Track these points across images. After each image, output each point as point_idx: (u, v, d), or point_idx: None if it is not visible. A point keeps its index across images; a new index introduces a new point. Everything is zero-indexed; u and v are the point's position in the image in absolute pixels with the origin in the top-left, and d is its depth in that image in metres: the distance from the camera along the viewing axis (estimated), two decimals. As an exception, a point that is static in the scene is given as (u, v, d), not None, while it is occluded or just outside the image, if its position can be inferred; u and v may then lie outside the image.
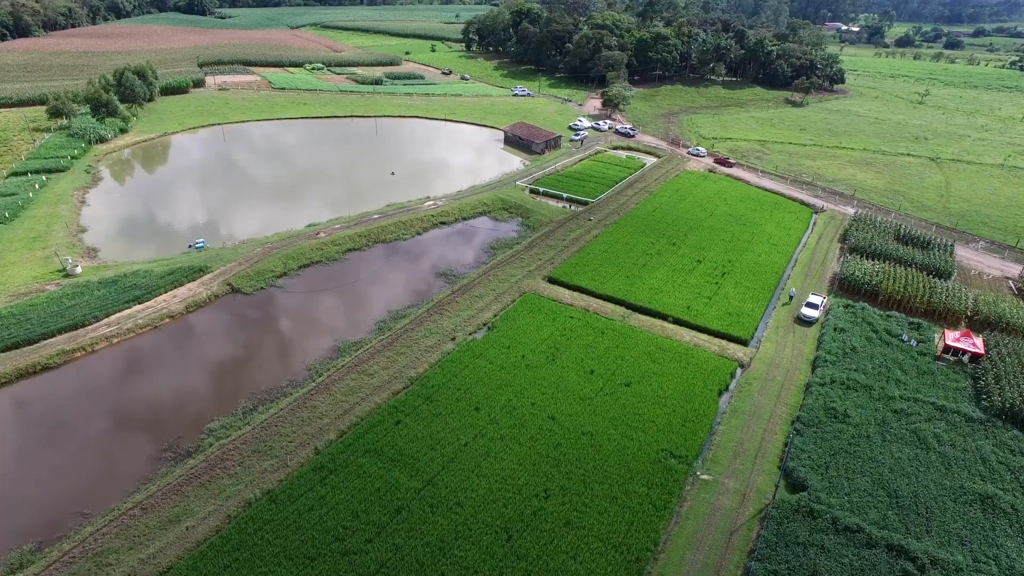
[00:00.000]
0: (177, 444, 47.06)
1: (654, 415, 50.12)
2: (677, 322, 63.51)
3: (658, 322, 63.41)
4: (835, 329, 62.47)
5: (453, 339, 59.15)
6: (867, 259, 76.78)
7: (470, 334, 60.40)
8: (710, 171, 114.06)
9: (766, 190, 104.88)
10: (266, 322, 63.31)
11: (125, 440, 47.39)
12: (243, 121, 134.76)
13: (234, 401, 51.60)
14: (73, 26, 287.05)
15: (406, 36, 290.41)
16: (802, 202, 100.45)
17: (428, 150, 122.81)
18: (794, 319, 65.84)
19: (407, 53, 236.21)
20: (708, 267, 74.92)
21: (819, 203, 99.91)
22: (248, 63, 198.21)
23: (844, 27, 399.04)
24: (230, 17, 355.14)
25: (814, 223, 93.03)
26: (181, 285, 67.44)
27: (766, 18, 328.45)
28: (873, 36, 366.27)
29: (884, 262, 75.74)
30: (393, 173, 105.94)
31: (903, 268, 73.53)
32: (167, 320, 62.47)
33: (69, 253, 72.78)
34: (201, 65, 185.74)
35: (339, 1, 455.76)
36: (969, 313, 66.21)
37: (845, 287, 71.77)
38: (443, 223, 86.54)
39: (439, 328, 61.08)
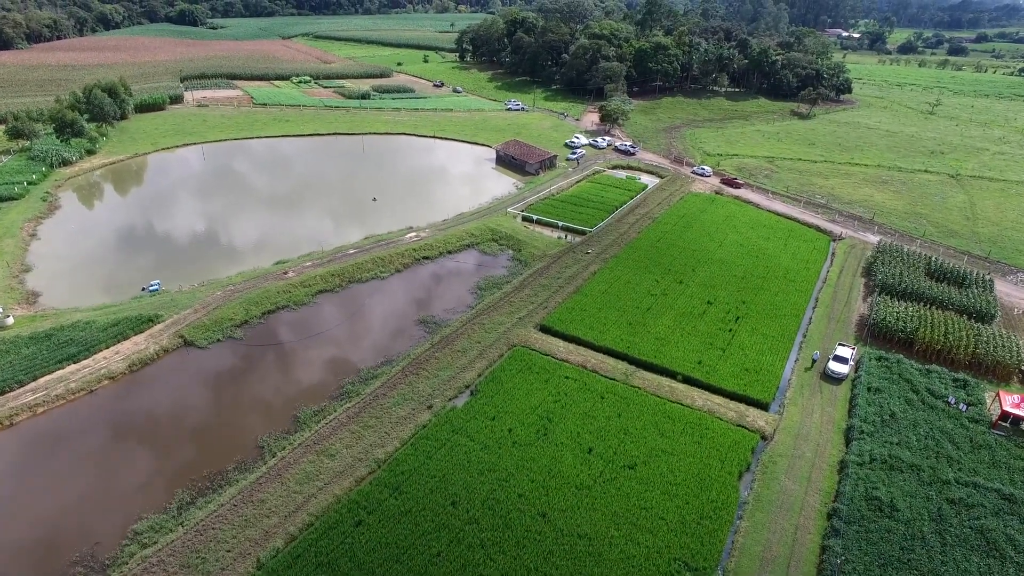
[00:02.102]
0: (91, 555, 39.03)
1: (664, 509, 42.09)
2: (687, 381, 55.53)
3: (666, 381, 55.38)
4: (869, 389, 54.41)
5: (430, 407, 51.15)
6: (897, 300, 68.62)
7: (449, 400, 52.40)
8: (717, 193, 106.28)
9: (778, 214, 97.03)
10: (218, 385, 55.26)
11: (27, 551, 39.19)
12: (220, 140, 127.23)
13: (169, 492, 43.62)
14: (59, 38, 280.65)
15: (399, 46, 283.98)
16: (818, 228, 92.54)
17: (414, 171, 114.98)
18: (820, 375, 57.79)
19: (399, 64, 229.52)
20: (720, 310, 66.98)
21: (837, 229, 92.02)
22: (233, 76, 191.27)
23: (845, 33, 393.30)
24: (222, 28, 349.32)
25: (833, 252, 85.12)
26: (127, 339, 59.49)
27: (766, 25, 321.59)
28: (874, 42, 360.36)
29: (917, 303, 67.63)
30: (375, 199, 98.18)
31: (940, 311, 65.36)
32: (106, 382, 54.56)
33: (4, 299, 64.98)
34: (183, 79, 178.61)
35: (333, 11, 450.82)
36: (1023, 368, 58.07)
37: (875, 334, 63.51)
38: (426, 258, 78.62)
39: (414, 392, 53.08)
